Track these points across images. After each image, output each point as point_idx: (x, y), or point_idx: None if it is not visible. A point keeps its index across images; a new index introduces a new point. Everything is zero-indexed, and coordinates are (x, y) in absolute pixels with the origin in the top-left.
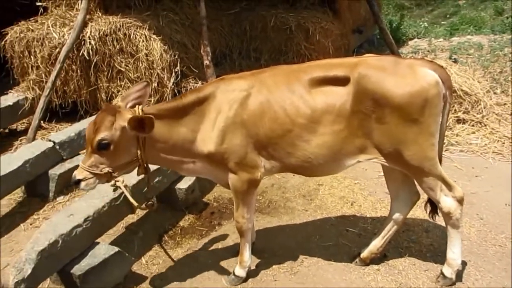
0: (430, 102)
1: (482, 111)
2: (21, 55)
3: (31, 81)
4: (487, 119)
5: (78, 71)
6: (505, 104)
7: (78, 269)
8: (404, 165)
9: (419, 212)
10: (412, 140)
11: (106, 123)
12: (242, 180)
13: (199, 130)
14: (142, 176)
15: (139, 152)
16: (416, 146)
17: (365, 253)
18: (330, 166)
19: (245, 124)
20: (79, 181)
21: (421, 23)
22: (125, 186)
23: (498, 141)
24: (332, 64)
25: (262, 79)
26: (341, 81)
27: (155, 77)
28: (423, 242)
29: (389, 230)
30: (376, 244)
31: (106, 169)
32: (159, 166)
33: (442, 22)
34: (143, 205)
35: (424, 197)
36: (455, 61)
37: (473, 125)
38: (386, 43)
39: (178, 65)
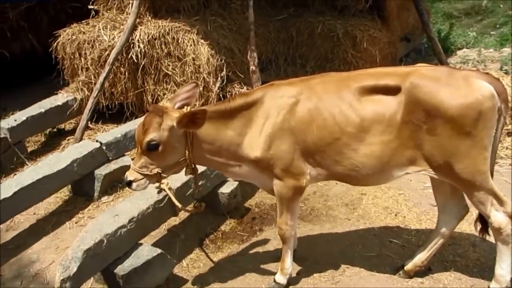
0: (484, 115)
1: None
2: (72, 57)
3: (80, 82)
4: None
5: (126, 73)
6: None
7: (121, 269)
8: (455, 178)
9: (466, 225)
10: (464, 153)
11: (154, 124)
12: (287, 187)
13: (246, 134)
14: (186, 179)
15: (187, 152)
16: (468, 160)
17: (409, 266)
18: (377, 177)
19: (293, 131)
20: (130, 182)
21: (469, 32)
22: (169, 189)
23: None
24: (383, 73)
25: (311, 86)
26: (392, 90)
27: (201, 81)
28: (469, 256)
29: (435, 243)
30: (421, 256)
31: (156, 170)
32: (202, 170)
33: (492, 32)
34: (191, 207)
35: (472, 211)
36: (506, 73)
37: None
38: (435, 53)
39: (224, 69)
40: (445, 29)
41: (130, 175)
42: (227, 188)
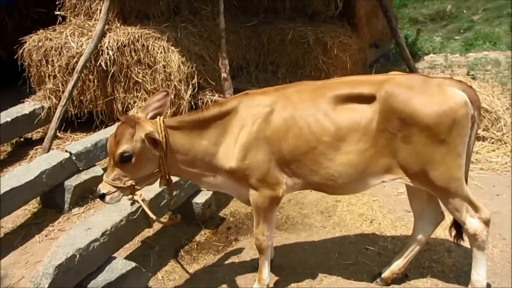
0: (458, 122)
1: (502, 128)
2: (39, 64)
3: (47, 90)
4: (507, 136)
5: (95, 81)
6: None
7: (95, 284)
8: (430, 186)
9: (440, 231)
10: (439, 160)
11: (126, 135)
12: (263, 197)
13: (220, 144)
14: (160, 190)
15: (161, 163)
16: (443, 167)
17: (386, 273)
18: (354, 185)
19: (268, 141)
20: (104, 195)
21: (435, 37)
22: (143, 200)
23: None
24: (358, 81)
25: (286, 95)
26: (367, 99)
27: (172, 89)
28: (445, 262)
29: (411, 250)
30: (398, 263)
31: (130, 182)
32: (176, 180)
33: (456, 37)
34: (166, 218)
35: (447, 217)
36: (474, 78)
37: (493, 143)
38: (403, 58)
39: (195, 77)
40: (411, 34)
41: (103, 188)
42: (201, 198)
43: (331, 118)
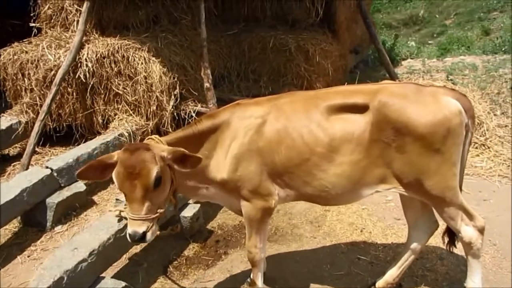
0: (452, 131)
1: (485, 133)
2: (15, 78)
3: (24, 105)
4: (490, 141)
5: (74, 94)
6: (506, 126)
7: None
8: (425, 195)
9: (432, 238)
10: (434, 170)
11: (149, 159)
12: (256, 208)
13: (212, 157)
14: None
15: (173, 180)
16: (438, 176)
17: (381, 283)
18: (347, 196)
19: (261, 152)
20: (144, 235)
21: (409, 42)
22: None
23: (503, 163)
24: (351, 91)
25: (279, 106)
26: (360, 109)
27: (154, 100)
28: (438, 270)
29: (406, 259)
30: (392, 274)
31: (160, 209)
32: None
33: (430, 42)
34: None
35: (442, 226)
36: (454, 83)
37: (476, 148)
38: (383, 64)
39: (178, 87)
40: (388, 40)
41: (139, 228)
42: (189, 211)
43: (325, 128)
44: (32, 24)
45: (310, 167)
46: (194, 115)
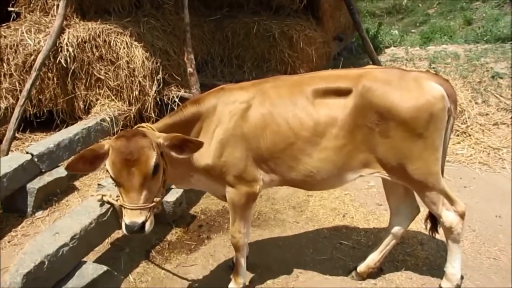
0: (435, 116)
1: (466, 121)
2: None
3: (4, 90)
4: (471, 129)
5: (55, 79)
6: (487, 114)
7: None
8: (408, 180)
9: (412, 224)
10: (416, 154)
11: (147, 145)
12: (240, 194)
13: None
14: None
15: (165, 166)
16: (421, 161)
17: (362, 268)
18: (332, 181)
19: (246, 137)
20: (143, 225)
21: (393, 31)
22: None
23: (483, 151)
24: (335, 76)
25: (263, 90)
26: (344, 93)
27: (137, 85)
28: (418, 255)
29: (387, 244)
30: (373, 258)
31: (157, 198)
32: None
33: (413, 30)
34: None
35: (424, 212)
36: (436, 71)
37: (458, 135)
38: (367, 51)
39: (160, 72)
40: (373, 28)
41: (137, 218)
42: (172, 196)
43: (310, 113)
44: (10, 9)
45: (295, 152)
46: (177, 100)
